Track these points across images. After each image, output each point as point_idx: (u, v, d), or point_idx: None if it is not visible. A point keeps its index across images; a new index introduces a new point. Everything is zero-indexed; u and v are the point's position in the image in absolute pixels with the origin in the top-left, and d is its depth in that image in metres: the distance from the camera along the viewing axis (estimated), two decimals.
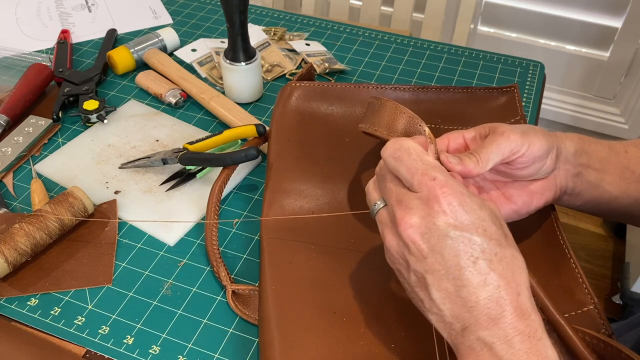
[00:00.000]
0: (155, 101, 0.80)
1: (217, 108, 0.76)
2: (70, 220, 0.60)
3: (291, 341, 0.49)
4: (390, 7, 1.36)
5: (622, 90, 1.63)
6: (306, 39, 0.92)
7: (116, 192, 0.66)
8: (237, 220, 0.64)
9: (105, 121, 0.75)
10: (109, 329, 0.54)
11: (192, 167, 0.67)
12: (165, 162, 0.68)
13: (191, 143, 0.68)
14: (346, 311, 0.51)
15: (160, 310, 0.56)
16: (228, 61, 0.75)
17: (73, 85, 0.79)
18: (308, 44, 0.90)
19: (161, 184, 0.67)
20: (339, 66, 0.85)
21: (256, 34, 0.90)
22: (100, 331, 0.54)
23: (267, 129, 0.69)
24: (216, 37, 0.92)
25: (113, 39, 0.90)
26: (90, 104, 0.75)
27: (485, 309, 0.38)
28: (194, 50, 0.88)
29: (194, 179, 0.67)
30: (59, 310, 0.56)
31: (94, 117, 0.75)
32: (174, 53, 0.87)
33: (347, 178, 0.63)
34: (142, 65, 0.86)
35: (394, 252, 0.42)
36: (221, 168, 0.64)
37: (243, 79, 0.77)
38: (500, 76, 0.84)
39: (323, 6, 1.47)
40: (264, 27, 0.94)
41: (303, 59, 0.87)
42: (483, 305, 0.38)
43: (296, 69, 0.86)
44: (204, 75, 0.84)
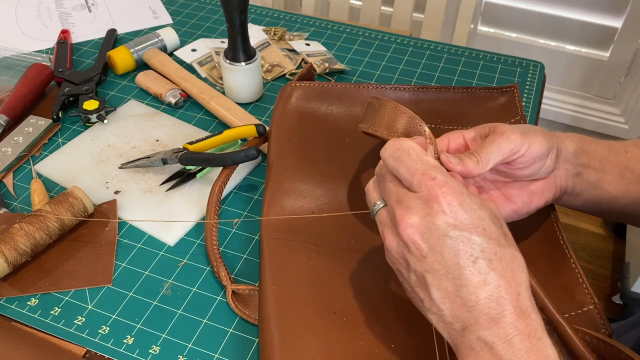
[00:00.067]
0: (155, 101, 0.80)
1: (217, 108, 0.76)
2: (70, 220, 0.60)
3: (291, 341, 0.49)
4: (390, 7, 1.36)
5: (622, 90, 1.63)
6: (306, 39, 0.92)
7: (116, 192, 0.66)
8: (237, 220, 0.64)
9: (105, 121, 0.75)
10: (109, 329, 0.54)
11: (192, 167, 0.67)
12: (165, 162, 0.68)
13: (191, 143, 0.68)
14: (346, 311, 0.51)
15: (160, 310, 0.56)
16: (228, 61, 0.75)
17: (73, 85, 0.79)
18: (308, 44, 0.90)
19: (161, 184, 0.67)
20: (339, 66, 0.85)
21: (256, 34, 0.90)
22: (100, 331, 0.54)
23: (267, 129, 0.69)
24: (216, 37, 0.92)
25: (113, 39, 0.90)
26: (90, 104, 0.75)
27: (485, 309, 0.38)
28: (194, 50, 0.88)
29: (194, 179, 0.67)
30: (59, 310, 0.56)
31: (94, 117, 0.75)
32: (174, 53, 0.87)
33: (347, 178, 0.63)
34: (142, 65, 0.86)
35: (394, 252, 0.42)
36: (221, 168, 0.64)
37: (243, 79, 0.77)
38: (500, 76, 0.84)
39: (323, 6, 1.47)
40: (264, 27, 0.94)
41: (303, 59, 0.87)
42: (483, 304, 0.38)
43: (296, 69, 0.86)
44: (204, 75, 0.84)
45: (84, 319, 0.55)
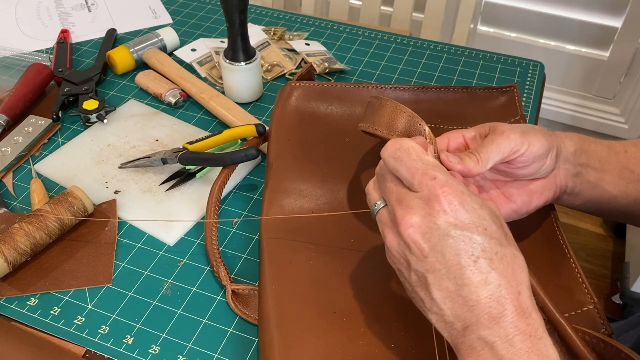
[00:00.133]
0: (155, 101, 0.80)
1: (217, 108, 0.76)
2: (70, 220, 0.60)
3: (291, 341, 0.49)
4: (390, 7, 1.36)
5: (622, 90, 1.63)
6: (306, 39, 0.92)
7: (116, 192, 0.66)
8: (237, 220, 0.64)
9: (105, 121, 0.75)
10: (109, 329, 0.54)
11: (192, 167, 0.67)
12: (165, 162, 0.68)
13: (191, 143, 0.68)
14: (346, 311, 0.51)
15: (160, 310, 0.56)
16: (228, 61, 0.75)
17: (73, 85, 0.79)
18: (308, 44, 0.90)
19: (161, 184, 0.67)
20: (339, 66, 0.85)
21: (256, 34, 0.90)
22: (100, 331, 0.54)
23: (267, 129, 0.69)
24: (216, 37, 0.92)
25: (113, 39, 0.90)
26: (90, 104, 0.75)
27: (487, 308, 0.38)
28: (194, 50, 0.88)
29: (194, 179, 0.67)
30: (59, 310, 0.56)
31: (94, 117, 0.75)
32: (174, 53, 0.87)
33: (347, 178, 0.63)
34: (142, 65, 0.86)
35: (395, 252, 0.42)
36: (221, 168, 0.64)
37: (243, 79, 0.77)
38: (500, 76, 0.84)
39: (323, 6, 1.47)
40: (264, 27, 0.94)
41: (303, 59, 0.87)
42: (484, 304, 0.38)
43: (296, 69, 0.86)
44: (204, 75, 0.84)
45: (84, 319, 0.55)
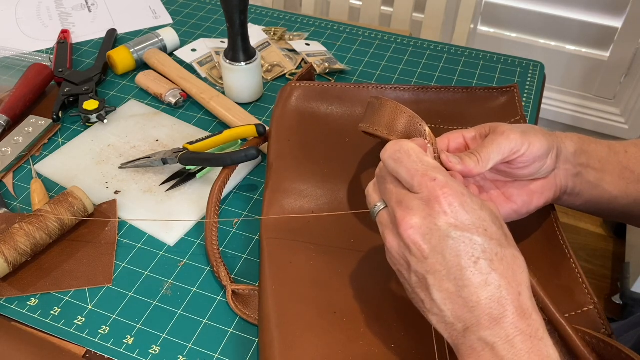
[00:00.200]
0: (155, 101, 0.80)
1: (217, 108, 0.76)
2: (70, 220, 0.60)
3: (291, 341, 0.49)
4: (390, 7, 1.36)
5: (622, 90, 1.63)
6: (306, 39, 0.92)
7: (116, 192, 0.66)
8: (237, 220, 0.64)
9: (105, 121, 0.75)
10: (109, 329, 0.54)
11: (192, 167, 0.67)
12: (165, 162, 0.68)
13: (191, 143, 0.68)
14: (346, 311, 0.51)
15: (160, 310, 0.56)
16: (228, 61, 0.75)
17: (73, 85, 0.79)
18: (308, 44, 0.90)
19: (161, 184, 0.67)
20: (339, 66, 0.85)
21: (256, 34, 0.90)
22: (100, 331, 0.54)
23: (267, 129, 0.69)
24: (216, 37, 0.92)
25: (113, 39, 0.90)
26: (90, 104, 0.75)
27: (487, 309, 0.38)
28: (194, 50, 0.88)
29: (194, 179, 0.67)
30: (59, 310, 0.56)
31: (94, 117, 0.75)
32: (174, 53, 0.87)
33: (347, 178, 0.63)
34: (142, 65, 0.86)
35: (394, 253, 0.42)
36: (221, 168, 0.64)
37: (243, 79, 0.77)
38: (500, 76, 0.84)
39: (323, 6, 1.47)
40: (264, 27, 0.94)
41: (303, 59, 0.87)
42: (484, 305, 0.38)
43: (296, 69, 0.86)
44: (204, 75, 0.84)
45: (84, 319, 0.55)
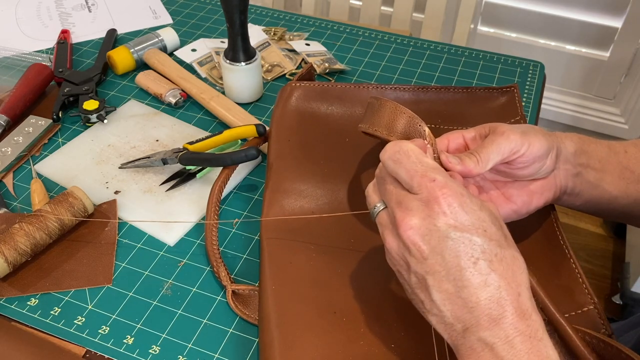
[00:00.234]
0: (155, 101, 0.80)
1: (217, 108, 0.76)
2: (70, 220, 0.60)
3: (291, 341, 0.49)
4: (390, 7, 1.36)
5: (622, 90, 1.63)
6: (306, 39, 0.92)
7: (116, 192, 0.66)
8: (237, 220, 0.64)
9: (105, 121, 0.75)
10: (109, 329, 0.54)
11: (192, 167, 0.67)
12: (165, 162, 0.68)
13: (191, 143, 0.68)
14: (346, 311, 0.51)
15: (160, 310, 0.56)
16: (228, 61, 0.75)
17: (73, 85, 0.79)
18: (308, 44, 0.90)
19: (161, 184, 0.67)
20: (339, 66, 0.85)
21: (256, 34, 0.90)
22: (100, 331, 0.54)
23: (267, 129, 0.69)
24: (216, 37, 0.92)
25: (113, 39, 0.90)
26: (90, 104, 0.75)
27: (486, 310, 0.38)
28: (194, 50, 0.88)
29: (194, 179, 0.67)
30: (59, 310, 0.56)
31: (94, 117, 0.75)
32: (174, 53, 0.87)
33: (347, 178, 0.63)
34: (142, 65, 0.86)
35: (394, 253, 0.42)
36: (221, 168, 0.64)
37: (243, 79, 0.77)
38: (500, 76, 0.84)
39: (323, 6, 1.47)
40: (264, 27, 0.94)
41: (303, 59, 0.87)
42: (484, 305, 0.38)
43: (296, 69, 0.86)
44: (204, 75, 0.84)
45: (84, 319, 0.55)
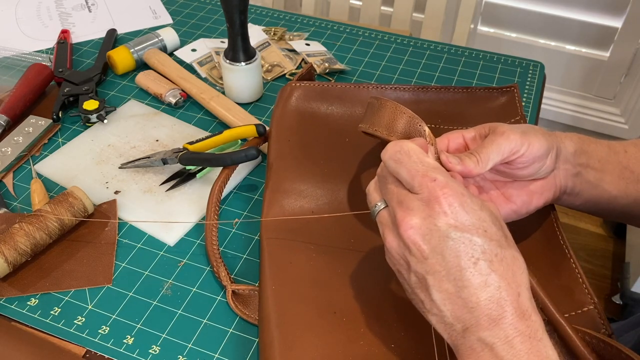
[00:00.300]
0: (155, 101, 0.80)
1: (217, 108, 0.76)
2: (70, 220, 0.60)
3: (291, 341, 0.49)
4: (390, 7, 1.36)
5: (622, 90, 1.63)
6: (306, 39, 0.92)
7: (116, 192, 0.66)
8: (237, 220, 0.64)
9: (105, 121, 0.75)
10: (109, 329, 0.54)
11: (192, 167, 0.67)
12: (165, 162, 0.68)
13: (191, 143, 0.68)
14: (346, 311, 0.51)
15: (160, 310, 0.56)
16: (228, 61, 0.75)
17: (73, 85, 0.79)
18: (308, 44, 0.90)
19: (161, 184, 0.67)
20: (339, 66, 0.85)
21: (256, 34, 0.90)
22: (100, 331, 0.54)
23: (267, 129, 0.69)
24: (216, 37, 0.92)
25: (113, 39, 0.90)
26: (90, 104, 0.75)
27: (486, 310, 0.38)
28: (194, 50, 0.88)
29: (194, 179, 0.67)
30: (59, 310, 0.56)
31: (94, 117, 0.75)
32: (174, 53, 0.87)
33: (347, 178, 0.63)
34: (142, 65, 0.86)
35: (394, 253, 0.42)
36: (221, 168, 0.64)
37: (243, 79, 0.77)
38: (500, 76, 0.84)
39: (323, 6, 1.47)
40: (264, 27, 0.94)
41: (303, 59, 0.87)
42: (484, 306, 0.38)
43: (296, 69, 0.86)
44: (204, 75, 0.84)
45: (84, 319, 0.55)
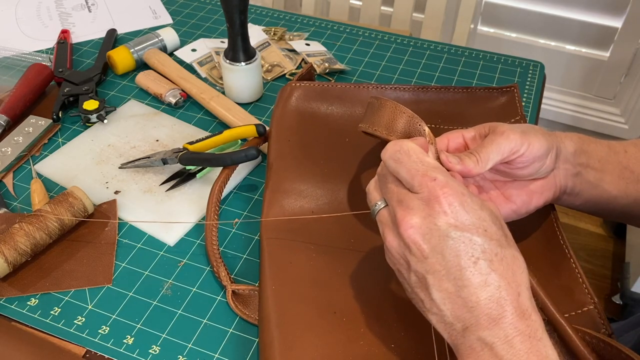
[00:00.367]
0: (155, 101, 0.80)
1: (217, 108, 0.76)
2: (70, 220, 0.60)
3: (291, 341, 0.49)
4: (390, 7, 1.36)
5: (622, 90, 1.63)
6: (306, 39, 0.92)
7: (116, 192, 0.66)
8: (237, 220, 0.64)
9: (105, 121, 0.75)
10: (109, 329, 0.54)
11: (192, 167, 0.67)
12: (165, 162, 0.68)
13: (191, 143, 0.68)
14: (346, 311, 0.51)
15: (160, 310, 0.56)
16: (228, 61, 0.75)
17: (73, 85, 0.79)
18: (308, 44, 0.90)
19: (161, 184, 0.67)
20: (339, 66, 0.85)
21: (256, 34, 0.90)
22: (100, 331, 0.54)
23: (267, 129, 0.69)
24: (216, 37, 0.92)
25: (113, 39, 0.90)
26: (90, 104, 0.75)
27: (486, 309, 0.38)
28: (194, 50, 0.88)
29: (194, 179, 0.67)
30: (59, 310, 0.56)
31: (94, 117, 0.75)
32: (174, 53, 0.87)
33: (347, 178, 0.63)
34: (142, 65, 0.86)
35: (394, 252, 0.42)
36: (221, 168, 0.64)
37: (243, 79, 0.77)
38: (500, 76, 0.84)
39: (323, 6, 1.47)
40: (264, 27, 0.94)
41: (303, 59, 0.87)
42: (484, 305, 0.38)
43: (296, 69, 0.86)
44: (204, 75, 0.84)
45: (84, 319, 0.55)
